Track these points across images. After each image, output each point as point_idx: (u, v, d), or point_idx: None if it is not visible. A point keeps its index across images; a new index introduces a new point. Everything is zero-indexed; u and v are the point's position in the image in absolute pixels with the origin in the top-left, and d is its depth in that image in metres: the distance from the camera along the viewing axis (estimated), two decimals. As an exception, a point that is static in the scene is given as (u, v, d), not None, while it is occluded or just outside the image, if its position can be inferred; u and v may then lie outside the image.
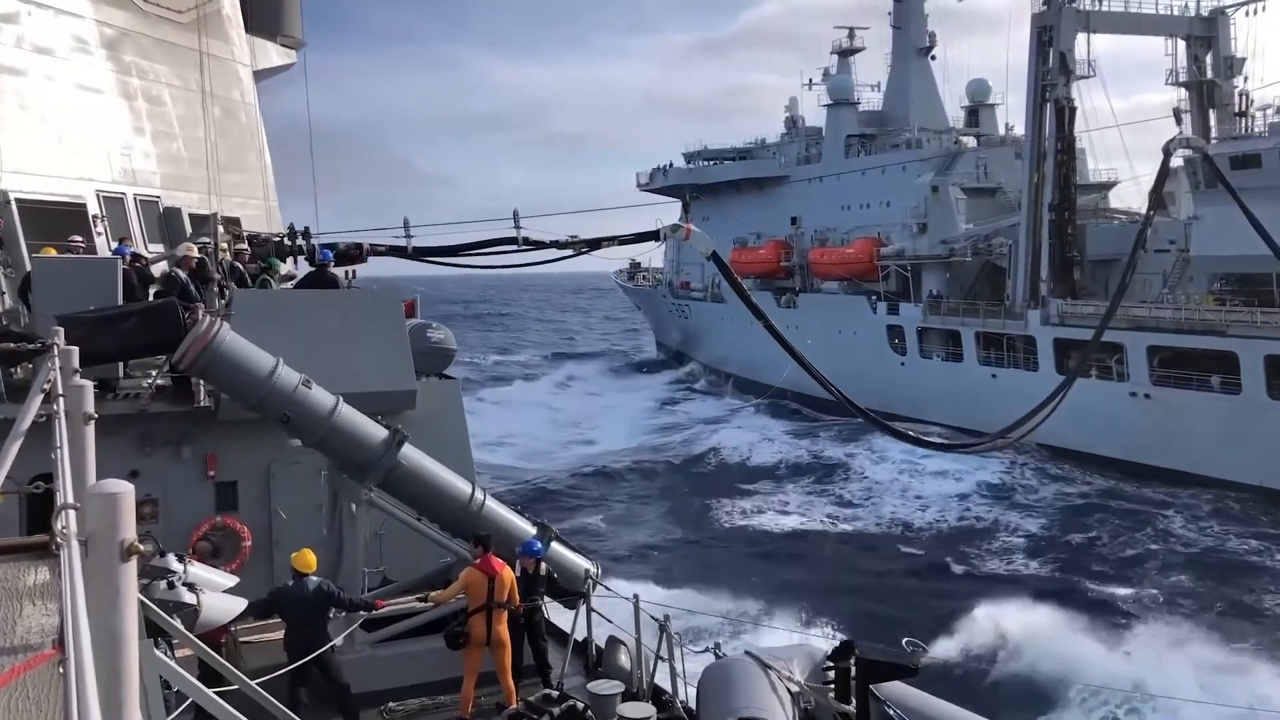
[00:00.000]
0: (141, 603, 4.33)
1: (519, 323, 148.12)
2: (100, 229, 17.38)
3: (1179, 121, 44.50)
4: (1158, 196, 35.59)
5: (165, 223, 19.70)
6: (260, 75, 27.32)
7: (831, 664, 9.26)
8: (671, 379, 73.86)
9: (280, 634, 10.31)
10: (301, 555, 10.11)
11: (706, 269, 63.19)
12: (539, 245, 17.80)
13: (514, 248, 17.69)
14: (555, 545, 11.83)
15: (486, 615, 10.01)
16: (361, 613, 10.52)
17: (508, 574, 10.20)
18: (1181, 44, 48.67)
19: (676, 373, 74.40)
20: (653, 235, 19.73)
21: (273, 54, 28.63)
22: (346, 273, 17.40)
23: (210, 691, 5.56)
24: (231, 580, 9.20)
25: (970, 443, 38.04)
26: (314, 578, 9.97)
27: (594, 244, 18.72)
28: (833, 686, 9.16)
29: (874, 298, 54.86)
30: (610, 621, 11.64)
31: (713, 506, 39.39)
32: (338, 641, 10.42)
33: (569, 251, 18.25)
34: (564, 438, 55.68)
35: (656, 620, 10.49)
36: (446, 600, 10.45)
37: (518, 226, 17.47)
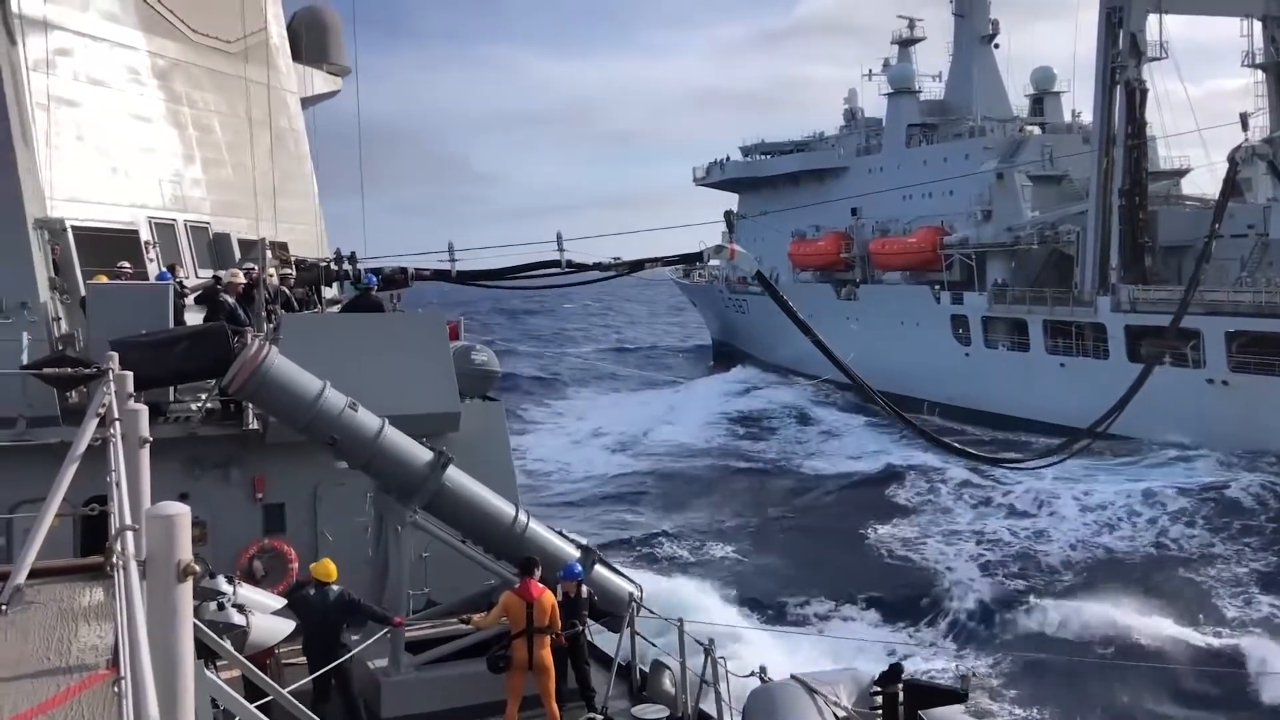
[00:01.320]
0: (194, 625, 4.38)
1: (582, 315, 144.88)
2: (152, 255, 17.71)
3: (1245, 128, 43.43)
4: (1224, 205, 34.64)
5: (214, 248, 20.04)
6: (307, 102, 27.80)
7: (879, 689, 9.13)
8: (738, 372, 70.99)
9: None
10: (322, 564, 10.23)
11: (764, 262, 62.45)
12: (582, 268, 17.87)
13: (557, 270, 17.78)
14: (598, 568, 11.82)
15: (527, 639, 10.01)
16: (384, 626, 10.54)
17: (547, 598, 10.18)
18: (1258, 24, 47.59)
19: (741, 368, 71.78)
20: (696, 256, 19.73)
21: (319, 81, 29.14)
22: (392, 296, 17.57)
23: (261, 714, 5.60)
24: (280, 602, 9.29)
25: (1020, 458, 37.27)
26: (335, 587, 10.09)
27: (636, 265, 18.76)
28: (880, 712, 9.03)
29: (937, 288, 53.92)
30: (655, 645, 11.59)
31: (855, 523, 34.17)
32: (370, 658, 10.48)
33: (612, 273, 18.31)
34: (651, 432, 52.96)
35: (701, 644, 10.42)
36: (488, 626, 10.46)
37: (561, 249, 17.56)
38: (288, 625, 8.66)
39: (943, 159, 58.63)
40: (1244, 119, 43.96)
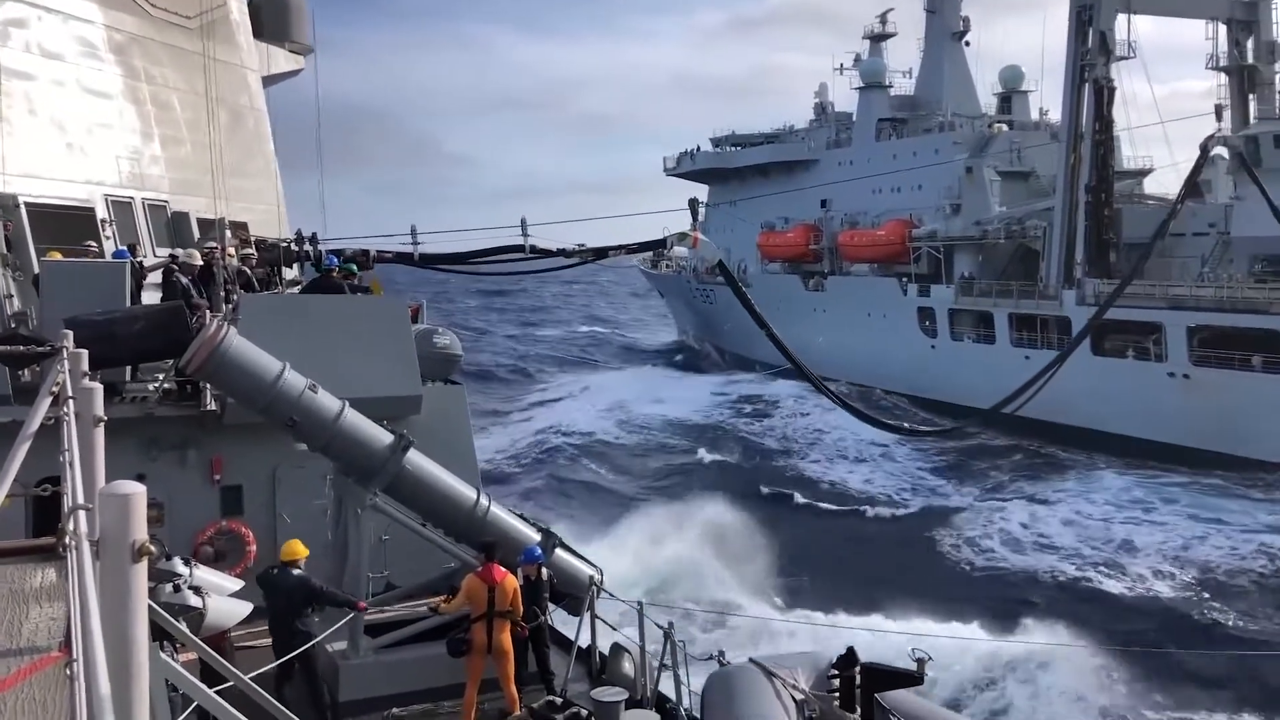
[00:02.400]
0: (148, 606, 4.33)
1: (557, 299, 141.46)
2: (108, 233, 17.44)
3: (1219, 118, 43.89)
4: (1191, 186, 34.99)
5: (173, 227, 19.77)
6: (268, 80, 27.45)
7: (836, 672, 9.22)
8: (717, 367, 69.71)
9: None
10: (288, 545, 10.24)
11: (733, 253, 62.36)
12: (546, 253, 17.85)
13: (521, 255, 17.75)
14: (558, 551, 11.83)
15: (488, 623, 10.03)
16: (347, 610, 10.51)
17: (510, 582, 10.20)
18: (1223, 28, 48.41)
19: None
20: (660, 243, 19.76)
21: (281, 60, 28.77)
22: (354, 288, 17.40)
23: (217, 696, 5.55)
24: (237, 584, 9.22)
25: (948, 427, 37.70)
26: (297, 571, 10.06)
27: (600, 253, 18.78)
28: (837, 695, 9.12)
29: (904, 280, 54.34)
30: (614, 629, 11.64)
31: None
32: (329, 641, 10.44)
33: (576, 260, 18.32)
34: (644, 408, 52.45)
35: (661, 627, 10.48)
36: (453, 611, 10.47)
37: (525, 234, 17.53)
38: (245, 607, 8.59)
39: (912, 153, 58.94)
40: (1219, 110, 44.55)
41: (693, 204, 19.85)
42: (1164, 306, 39.38)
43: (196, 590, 8.04)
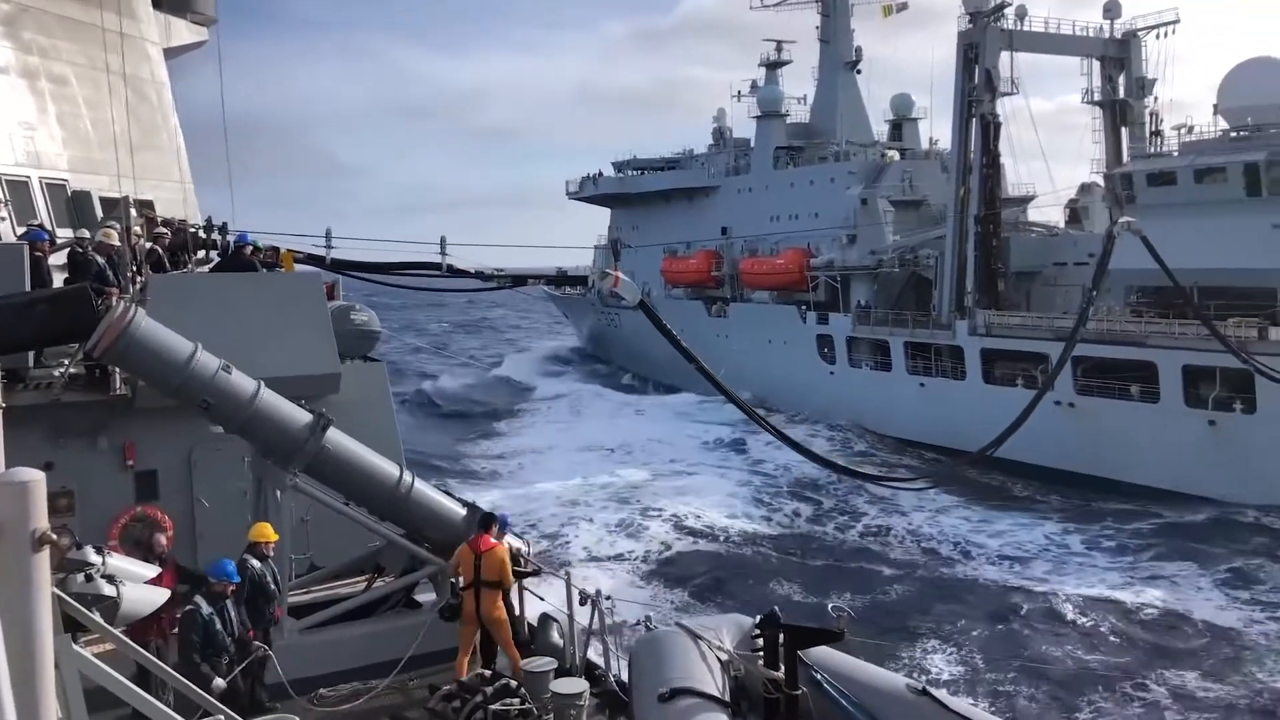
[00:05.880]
0: (59, 597, 4.22)
1: (498, 326, 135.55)
2: (4, 214, 16.81)
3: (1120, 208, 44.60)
4: (1102, 273, 35.31)
5: (74, 207, 19.11)
6: (170, 53, 26.56)
7: (759, 632, 9.41)
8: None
9: None
10: (257, 527, 10.27)
11: (636, 278, 61.56)
12: (463, 274, 17.77)
13: (438, 273, 17.64)
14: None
15: (475, 591, 10.30)
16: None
17: (498, 552, 10.47)
18: (1097, 64, 50.52)
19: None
20: (580, 280, 19.80)
21: (183, 31, 27.85)
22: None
23: (134, 686, 5.46)
24: (153, 571, 9.04)
25: (905, 478, 37.89)
26: (256, 564, 10.00)
27: (519, 280, 18.76)
28: (761, 654, 9.31)
29: (804, 308, 55.49)
30: (542, 599, 11.72)
31: None
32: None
33: (493, 284, 18.27)
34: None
35: (589, 596, 10.58)
36: (450, 574, 10.87)
37: (443, 253, 17.40)
38: (161, 595, 8.42)
39: (809, 182, 60.33)
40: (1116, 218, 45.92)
41: (615, 245, 19.96)
42: (1050, 338, 40.45)
43: (110, 579, 7.85)
